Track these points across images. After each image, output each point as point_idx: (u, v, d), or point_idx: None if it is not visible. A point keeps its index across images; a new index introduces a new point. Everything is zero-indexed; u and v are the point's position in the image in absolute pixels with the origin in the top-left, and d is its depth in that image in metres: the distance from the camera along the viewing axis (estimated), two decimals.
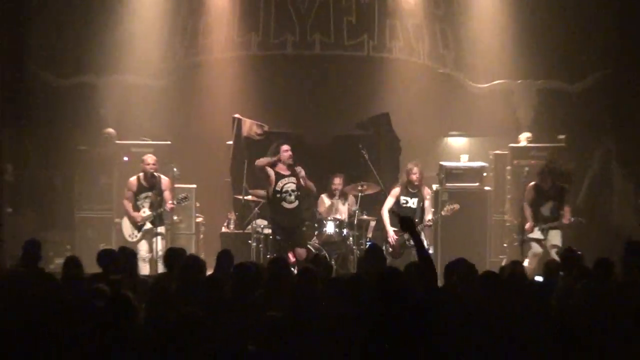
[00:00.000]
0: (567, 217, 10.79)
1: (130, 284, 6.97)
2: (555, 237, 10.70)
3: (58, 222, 12.46)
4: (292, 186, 10.44)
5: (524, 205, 10.99)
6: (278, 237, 10.55)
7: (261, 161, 10.55)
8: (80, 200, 12.29)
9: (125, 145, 12.30)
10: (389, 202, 10.96)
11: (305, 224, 11.13)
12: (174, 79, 13.16)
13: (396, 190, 10.99)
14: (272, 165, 10.40)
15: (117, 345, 5.07)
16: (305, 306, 5.77)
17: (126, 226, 11.02)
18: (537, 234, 10.75)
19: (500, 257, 11.77)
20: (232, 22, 13.19)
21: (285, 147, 10.46)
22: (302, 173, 10.39)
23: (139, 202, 10.90)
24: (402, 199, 10.90)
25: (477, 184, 11.91)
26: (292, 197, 10.45)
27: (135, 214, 10.84)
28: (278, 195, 10.43)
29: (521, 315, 5.91)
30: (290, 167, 10.41)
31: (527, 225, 10.76)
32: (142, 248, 10.73)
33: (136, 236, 10.88)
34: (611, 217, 12.47)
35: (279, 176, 10.44)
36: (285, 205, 10.46)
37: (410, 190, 10.88)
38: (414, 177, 10.82)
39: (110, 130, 12.58)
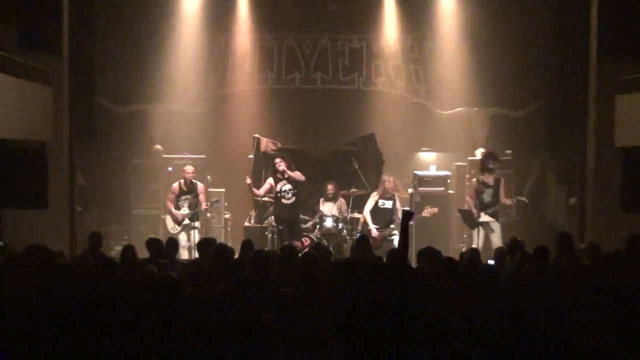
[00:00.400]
0: (507, 201, 10.76)
1: (172, 267, 6.97)
2: (496, 237, 10.60)
3: (117, 218, 12.45)
4: (289, 186, 10.49)
5: (467, 199, 10.98)
6: (280, 227, 10.56)
7: (258, 193, 10.72)
8: (134, 201, 12.29)
9: (169, 158, 12.29)
10: (370, 204, 10.99)
11: (301, 217, 11.15)
12: (207, 107, 13.16)
13: (375, 195, 11.01)
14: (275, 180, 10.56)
15: (166, 314, 5.07)
16: (309, 282, 5.77)
17: (168, 221, 11.03)
18: (485, 217, 10.70)
19: (461, 245, 11.76)
20: (253, 62, 13.20)
21: (276, 160, 10.61)
22: (282, 167, 10.42)
23: (179, 203, 10.92)
24: (380, 201, 10.94)
25: (442, 188, 11.91)
26: (290, 195, 10.52)
27: (176, 212, 10.86)
28: (279, 195, 10.52)
29: (476, 290, 5.91)
30: (283, 173, 10.43)
31: (475, 211, 10.71)
32: (182, 238, 10.72)
33: (177, 229, 10.88)
34: (547, 214, 12.47)
35: (278, 180, 10.52)
36: (284, 201, 10.53)
37: (386, 195, 10.89)
38: (388, 185, 10.89)
39: (158, 146, 12.59)
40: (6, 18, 9.78)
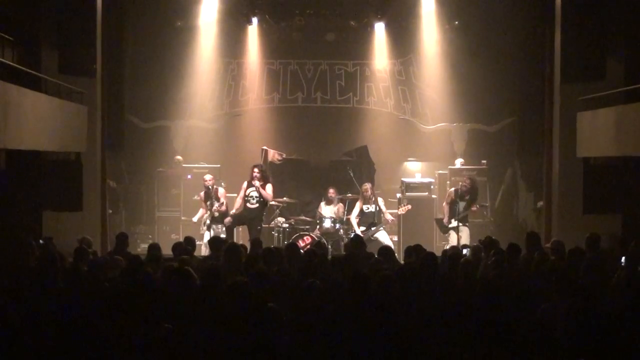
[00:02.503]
0: (473, 208, 10.78)
1: (192, 262, 6.95)
2: (465, 236, 10.58)
3: (143, 219, 12.42)
4: (255, 193, 10.43)
5: (443, 205, 10.98)
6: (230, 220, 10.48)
7: (238, 204, 10.61)
8: (159, 205, 12.25)
9: (189, 167, 12.27)
10: (355, 211, 10.97)
11: (302, 218, 11.18)
12: (221, 122, 13.17)
13: (359, 203, 10.98)
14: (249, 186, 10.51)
15: (186, 302, 5.06)
16: (310, 274, 5.77)
17: (199, 222, 10.95)
18: (454, 223, 10.71)
19: (443, 243, 11.72)
20: (261, 84, 13.23)
21: (255, 171, 10.49)
22: (255, 180, 10.41)
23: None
24: (365, 207, 10.91)
25: (426, 193, 11.90)
26: (254, 200, 10.45)
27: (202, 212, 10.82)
28: (246, 198, 10.47)
29: (457, 280, 5.92)
30: (256, 184, 10.42)
31: (445, 219, 10.73)
32: (206, 237, 10.65)
33: (203, 229, 10.81)
34: (518, 216, 12.47)
35: (249, 185, 10.48)
36: (249, 205, 10.45)
37: (367, 200, 10.88)
38: (366, 193, 10.87)
39: (179, 157, 12.58)
40: (48, 47, 9.86)
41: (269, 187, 10.62)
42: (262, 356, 4.00)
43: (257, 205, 10.46)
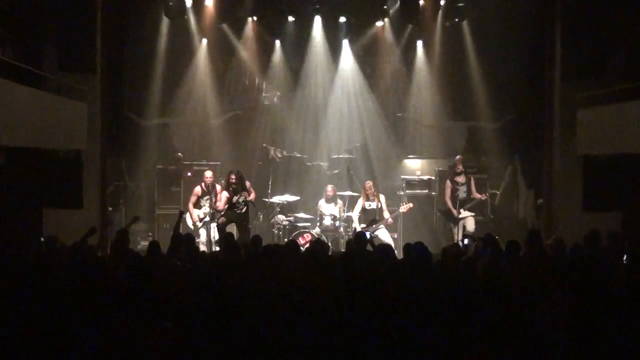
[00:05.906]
0: (480, 196, 10.76)
1: (190, 260, 6.93)
2: (470, 224, 10.60)
3: (143, 217, 12.38)
4: (242, 198, 10.38)
5: (446, 200, 10.95)
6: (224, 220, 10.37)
7: (220, 208, 10.43)
8: (159, 202, 12.21)
9: (189, 165, 12.25)
10: (358, 208, 10.95)
11: (302, 216, 11.16)
12: (222, 120, 13.14)
13: (361, 200, 10.97)
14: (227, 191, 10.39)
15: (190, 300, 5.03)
16: (309, 271, 5.75)
17: (188, 220, 10.88)
18: (464, 213, 10.69)
19: (445, 238, 11.71)
20: (261, 82, 13.20)
21: (232, 177, 10.38)
22: (244, 195, 10.32)
23: (202, 203, 10.78)
24: (366, 204, 10.89)
25: (426, 190, 11.90)
26: (242, 205, 10.41)
27: (194, 212, 10.72)
28: (234, 206, 10.34)
29: (458, 276, 5.90)
30: (235, 188, 10.33)
31: (455, 210, 10.71)
32: (203, 235, 10.63)
33: (198, 226, 10.76)
34: (518, 213, 12.46)
35: (233, 193, 10.35)
36: (237, 211, 10.38)
37: (370, 197, 10.87)
38: (368, 190, 10.86)
39: (179, 154, 12.57)
40: (48, 44, 9.85)
41: (249, 185, 10.54)
42: (261, 354, 3.98)
43: (245, 208, 10.46)
